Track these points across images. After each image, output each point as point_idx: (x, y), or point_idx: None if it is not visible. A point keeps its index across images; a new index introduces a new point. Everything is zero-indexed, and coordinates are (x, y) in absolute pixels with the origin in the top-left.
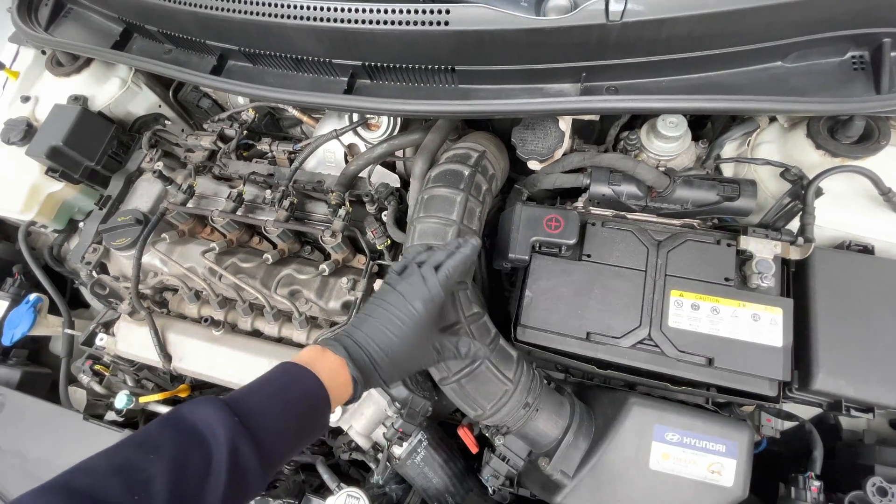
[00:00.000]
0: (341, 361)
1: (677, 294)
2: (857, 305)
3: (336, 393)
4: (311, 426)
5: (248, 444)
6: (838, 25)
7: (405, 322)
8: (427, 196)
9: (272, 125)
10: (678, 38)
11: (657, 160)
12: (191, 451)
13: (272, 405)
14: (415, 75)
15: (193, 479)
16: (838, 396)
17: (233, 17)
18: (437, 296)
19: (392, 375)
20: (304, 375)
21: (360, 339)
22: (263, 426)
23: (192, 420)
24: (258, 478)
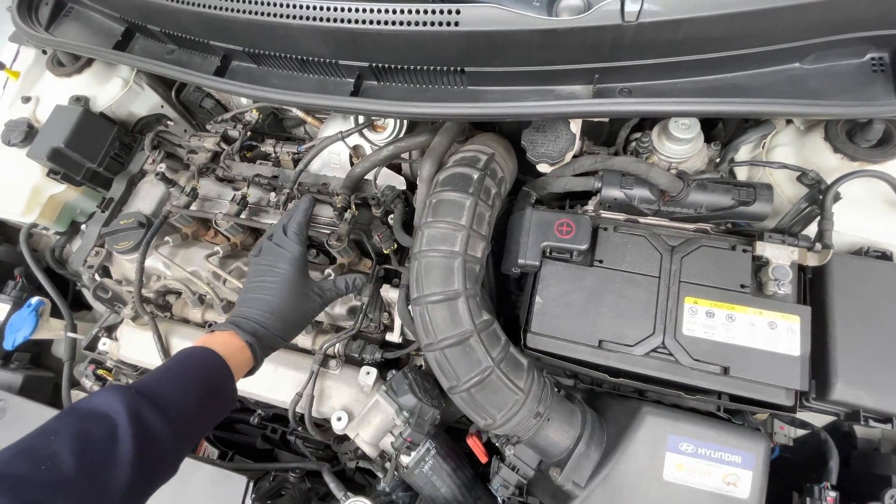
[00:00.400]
0: (230, 333)
1: (692, 301)
2: (875, 313)
3: (234, 361)
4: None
5: (149, 408)
6: (858, 27)
7: (277, 282)
8: (435, 200)
9: (275, 125)
10: (695, 39)
11: (669, 162)
12: (92, 426)
13: (168, 376)
14: (423, 77)
15: (99, 447)
16: (857, 407)
17: (238, 18)
18: (294, 250)
19: (285, 330)
20: (197, 350)
21: (243, 311)
22: (162, 394)
23: (90, 404)
24: (168, 438)
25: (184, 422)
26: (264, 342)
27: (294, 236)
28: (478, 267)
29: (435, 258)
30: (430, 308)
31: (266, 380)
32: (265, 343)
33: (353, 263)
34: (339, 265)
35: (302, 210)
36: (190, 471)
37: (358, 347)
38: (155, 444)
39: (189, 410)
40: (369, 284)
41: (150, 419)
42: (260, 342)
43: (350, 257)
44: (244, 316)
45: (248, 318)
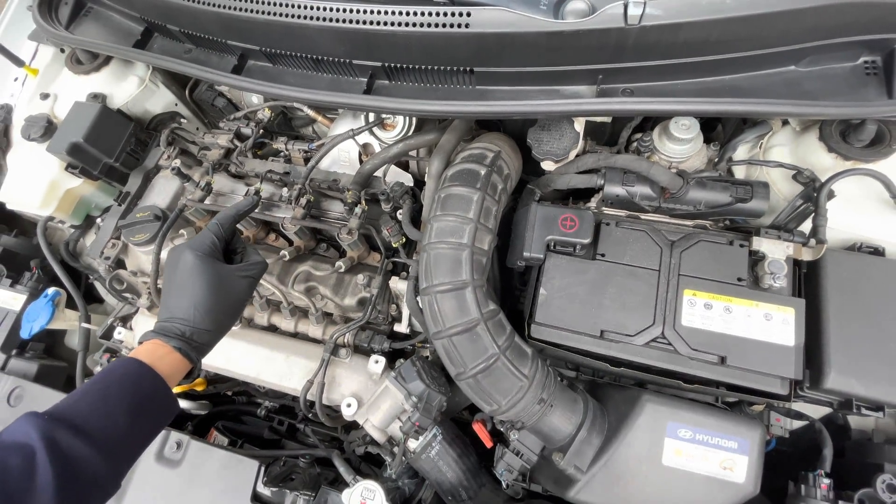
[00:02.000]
0: (154, 342)
1: (690, 293)
2: (867, 306)
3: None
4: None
5: (64, 432)
6: (851, 31)
7: (185, 274)
8: (444, 195)
9: (284, 125)
10: (695, 41)
11: (669, 162)
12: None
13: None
14: (433, 76)
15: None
16: (849, 395)
17: (256, 18)
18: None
19: (216, 320)
20: (118, 364)
21: (165, 315)
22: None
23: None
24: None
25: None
26: (194, 341)
27: (212, 225)
28: (485, 259)
29: (444, 250)
30: (439, 297)
31: (278, 368)
32: (196, 342)
33: (362, 257)
34: (349, 258)
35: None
36: (203, 456)
37: (367, 337)
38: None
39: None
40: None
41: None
42: (189, 343)
43: (360, 250)
44: (166, 320)
45: (171, 321)
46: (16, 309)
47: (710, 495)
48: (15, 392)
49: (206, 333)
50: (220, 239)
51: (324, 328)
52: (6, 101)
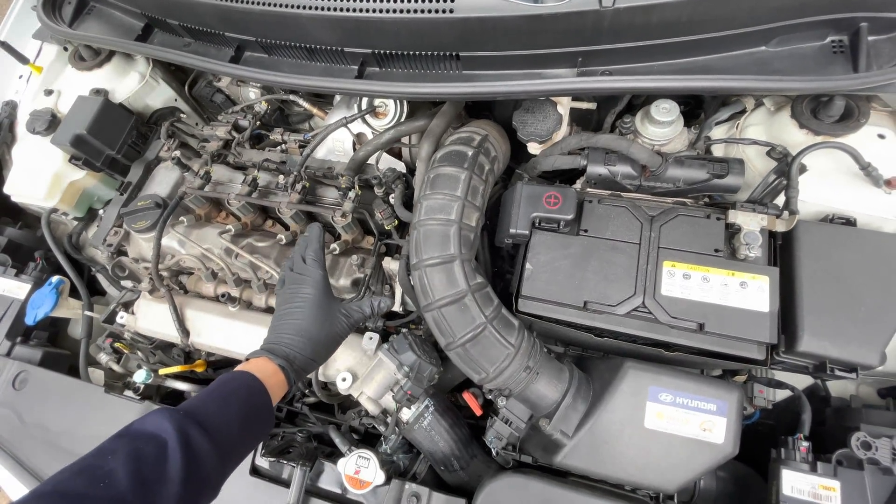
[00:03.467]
0: (264, 359)
1: (669, 265)
2: (839, 273)
3: (270, 384)
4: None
5: (196, 429)
6: (817, 10)
7: (303, 307)
8: (433, 175)
9: (281, 120)
10: (667, 23)
11: (652, 145)
12: (145, 445)
13: (212, 398)
14: (421, 62)
15: (152, 465)
16: (823, 357)
17: (252, 9)
18: (315, 275)
19: (316, 351)
20: (237, 374)
21: (274, 338)
22: (207, 413)
23: (142, 425)
24: (212, 459)
25: (227, 443)
26: (296, 365)
27: (313, 262)
28: (472, 235)
29: (433, 226)
30: (429, 271)
31: None
32: (297, 366)
33: (356, 240)
34: (343, 241)
35: (315, 237)
36: None
37: None
38: (201, 463)
39: (232, 432)
40: (389, 300)
41: (197, 440)
42: (292, 365)
43: (354, 234)
44: (275, 342)
45: (279, 344)
46: (21, 298)
47: (690, 456)
48: (20, 376)
49: (308, 361)
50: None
51: None
52: (11, 98)
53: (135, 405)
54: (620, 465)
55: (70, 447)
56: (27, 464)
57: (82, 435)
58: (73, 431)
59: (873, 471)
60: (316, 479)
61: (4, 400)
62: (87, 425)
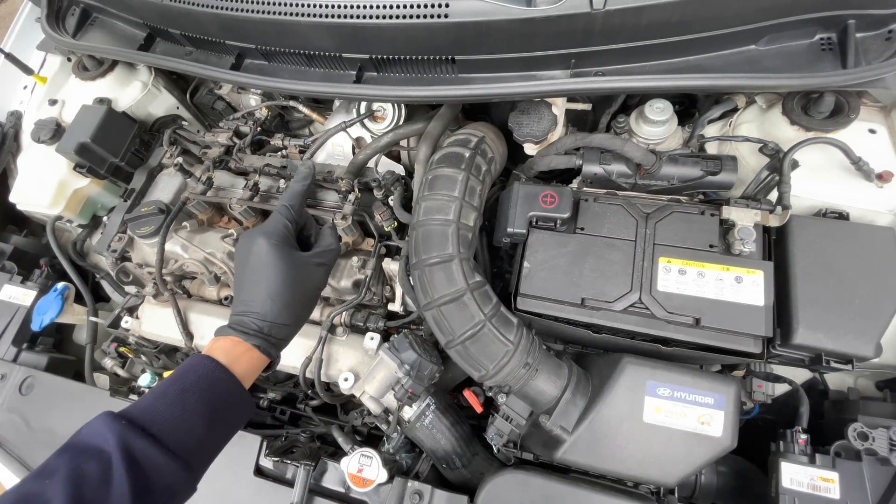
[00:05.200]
0: (231, 339)
1: (665, 261)
2: (833, 266)
3: (240, 366)
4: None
5: (141, 440)
6: (805, 9)
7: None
8: (431, 176)
9: (282, 126)
10: (657, 23)
11: (647, 144)
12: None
13: (165, 397)
14: (418, 67)
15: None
16: (818, 349)
17: (251, 17)
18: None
19: (293, 313)
20: (195, 362)
21: (240, 309)
22: (156, 418)
23: (83, 438)
24: (169, 467)
25: (188, 445)
26: (273, 336)
27: (282, 208)
28: (470, 234)
29: (432, 226)
30: (428, 270)
31: None
32: (274, 337)
33: (356, 242)
34: (344, 243)
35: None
36: None
37: (362, 317)
38: (154, 477)
39: (193, 432)
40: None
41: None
42: (267, 339)
43: (354, 236)
44: (241, 313)
45: (247, 315)
46: (27, 304)
47: (689, 449)
48: (27, 381)
49: (283, 328)
50: (292, 222)
51: (321, 310)
52: (16, 108)
53: None
54: (620, 459)
55: None
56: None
57: None
58: None
59: (871, 461)
60: (319, 479)
61: (12, 405)
62: None
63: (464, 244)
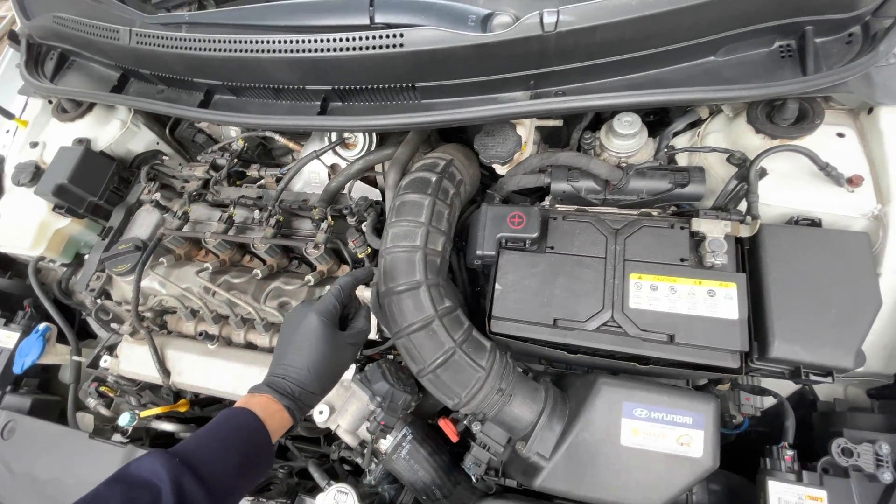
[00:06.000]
0: (268, 397)
1: (636, 277)
2: (807, 275)
3: (273, 422)
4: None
5: (190, 479)
6: (760, 18)
7: (308, 337)
8: (398, 202)
9: (264, 155)
10: (611, 42)
11: (618, 157)
12: (139, 496)
13: (211, 441)
14: (381, 95)
15: None
16: (796, 362)
17: (214, 56)
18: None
19: (322, 386)
20: (238, 412)
21: (280, 372)
22: (204, 461)
23: (137, 471)
24: None
25: (223, 489)
26: (301, 402)
27: (334, 289)
28: (438, 259)
29: (399, 253)
30: (396, 298)
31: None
32: (303, 403)
33: (331, 270)
34: (319, 272)
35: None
36: None
37: None
38: None
39: (228, 477)
40: None
41: (191, 489)
42: (297, 403)
43: (329, 264)
44: (280, 376)
45: (284, 378)
46: (10, 347)
47: (670, 472)
48: (8, 426)
49: (312, 397)
50: (341, 304)
51: None
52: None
53: (119, 450)
54: (601, 485)
55: (58, 496)
56: None
57: (69, 483)
58: (60, 479)
59: (860, 478)
60: None
61: None
62: (74, 472)
63: (432, 270)
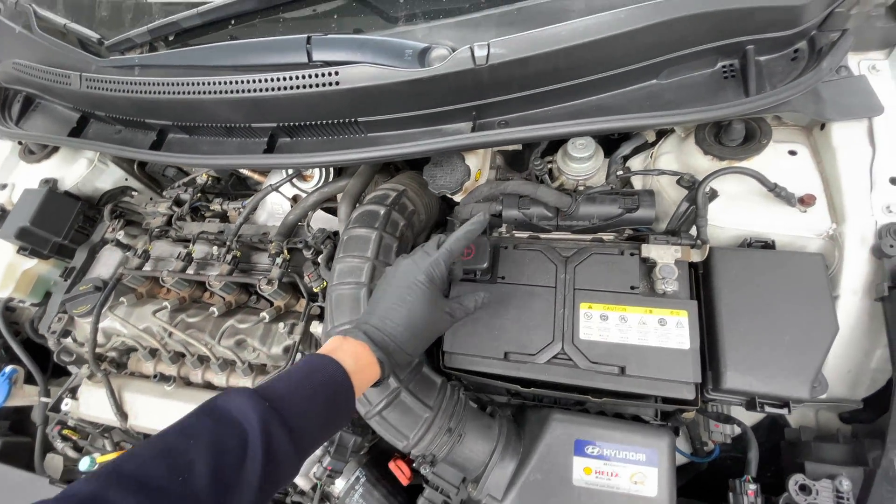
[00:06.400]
0: (362, 345)
1: (586, 306)
2: (760, 301)
3: (362, 376)
4: (337, 409)
5: (279, 427)
6: (698, 41)
7: (414, 294)
8: (346, 237)
9: (239, 184)
10: (546, 71)
11: (576, 180)
12: (228, 436)
13: (299, 391)
14: (327, 129)
15: (232, 462)
16: (750, 393)
17: (159, 99)
18: (437, 266)
19: (415, 347)
20: (327, 362)
21: (377, 322)
22: (292, 410)
23: (227, 408)
24: (291, 459)
25: (306, 442)
26: (393, 359)
27: (445, 252)
28: None
29: (344, 290)
30: None
31: None
32: (394, 360)
33: (289, 305)
34: (276, 307)
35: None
36: None
37: None
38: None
39: (312, 431)
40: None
41: (279, 438)
42: (389, 359)
43: (285, 299)
44: (377, 326)
45: (381, 330)
46: None
47: None
48: None
49: (405, 357)
50: (447, 267)
51: (253, 379)
52: None
53: None
54: None
55: None
56: None
57: None
58: None
59: None
60: None
61: None
62: None
63: None
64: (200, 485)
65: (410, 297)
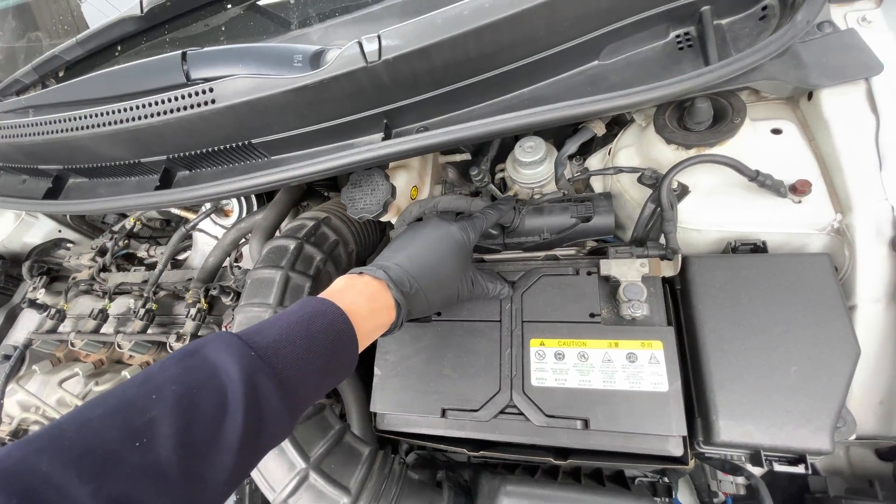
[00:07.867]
0: (381, 284)
1: (538, 343)
2: (754, 321)
3: (374, 321)
4: (337, 365)
5: (267, 380)
6: (640, 6)
7: (446, 244)
8: (250, 280)
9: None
10: (457, 63)
11: (531, 189)
12: (200, 389)
13: (294, 341)
14: (224, 157)
15: (205, 422)
16: (752, 446)
17: (36, 140)
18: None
19: (435, 299)
20: (329, 309)
21: (402, 261)
22: (284, 359)
23: (203, 354)
24: (281, 417)
25: (299, 396)
26: (411, 303)
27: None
28: None
29: None
30: None
31: None
32: (412, 303)
33: None
34: None
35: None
36: None
37: None
38: (264, 425)
39: (307, 386)
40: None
41: (266, 394)
42: (407, 301)
43: None
44: (402, 266)
45: (406, 270)
46: None
47: None
48: None
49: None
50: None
51: None
52: None
53: None
54: None
55: None
56: None
57: None
58: None
59: None
60: None
61: None
62: None
63: None
64: (164, 451)
65: (442, 247)
